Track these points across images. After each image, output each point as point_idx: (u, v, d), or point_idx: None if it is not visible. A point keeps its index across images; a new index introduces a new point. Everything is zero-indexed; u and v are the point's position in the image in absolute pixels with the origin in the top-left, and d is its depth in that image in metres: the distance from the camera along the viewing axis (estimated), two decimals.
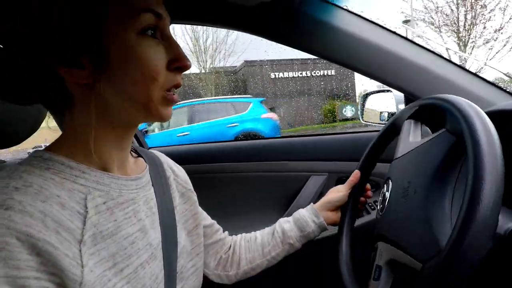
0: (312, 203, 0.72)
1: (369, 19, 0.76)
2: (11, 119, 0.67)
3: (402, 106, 0.87)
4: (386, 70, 0.75)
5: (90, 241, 0.38)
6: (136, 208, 0.46)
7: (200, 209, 0.66)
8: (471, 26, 13.01)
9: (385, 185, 0.57)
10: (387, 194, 0.55)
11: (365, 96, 1.03)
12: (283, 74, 18.42)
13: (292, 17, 0.76)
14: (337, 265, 0.63)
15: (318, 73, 18.41)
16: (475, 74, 0.70)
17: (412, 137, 0.55)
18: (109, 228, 0.41)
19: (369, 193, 0.73)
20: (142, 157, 0.57)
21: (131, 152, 0.55)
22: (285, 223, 0.70)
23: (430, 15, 13.65)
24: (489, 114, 0.41)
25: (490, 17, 12.65)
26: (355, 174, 0.70)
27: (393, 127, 0.63)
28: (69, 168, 0.41)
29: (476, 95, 0.67)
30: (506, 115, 0.55)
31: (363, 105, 1.03)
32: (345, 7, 0.75)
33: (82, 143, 0.43)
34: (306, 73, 18.52)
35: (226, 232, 0.73)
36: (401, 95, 0.85)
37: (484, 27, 12.82)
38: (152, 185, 0.53)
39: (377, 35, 0.75)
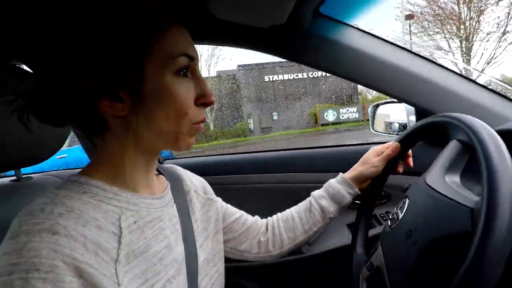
0: (341, 173, 0.73)
1: (379, 36, 0.78)
2: (38, 138, 0.68)
3: (412, 118, 0.89)
4: (395, 85, 0.76)
5: (125, 260, 0.41)
6: (162, 225, 0.49)
7: (221, 213, 0.67)
8: (476, 17, 12.86)
9: (402, 202, 0.55)
10: (400, 214, 0.53)
11: (376, 106, 1.05)
12: (278, 76, 18.41)
13: (304, 37, 0.78)
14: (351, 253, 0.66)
15: (315, 74, 18.35)
16: (486, 87, 0.72)
17: (450, 175, 0.47)
18: (140, 246, 0.44)
19: (410, 160, 0.71)
20: (163, 175, 0.59)
21: None
22: (320, 199, 0.71)
23: (431, 7, 13.59)
24: (502, 132, 0.42)
25: (492, 9, 12.54)
26: (395, 148, 0.68)
27: (441, 126, 0.54)
28: (103, 190, 0.44)
29: (490, 110, 0.69)
30: None
31: (373, 115, 1.05)
32: (355, 26, 0.78)
33: (114, 167, 0.46)
34: (303, 75, 18.51)
35: (257, 216, 0.74)
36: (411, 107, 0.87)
37: (479, 21, 12.75)
38: (174, 202, 0.55)
39: (386, 51, 0.77)
